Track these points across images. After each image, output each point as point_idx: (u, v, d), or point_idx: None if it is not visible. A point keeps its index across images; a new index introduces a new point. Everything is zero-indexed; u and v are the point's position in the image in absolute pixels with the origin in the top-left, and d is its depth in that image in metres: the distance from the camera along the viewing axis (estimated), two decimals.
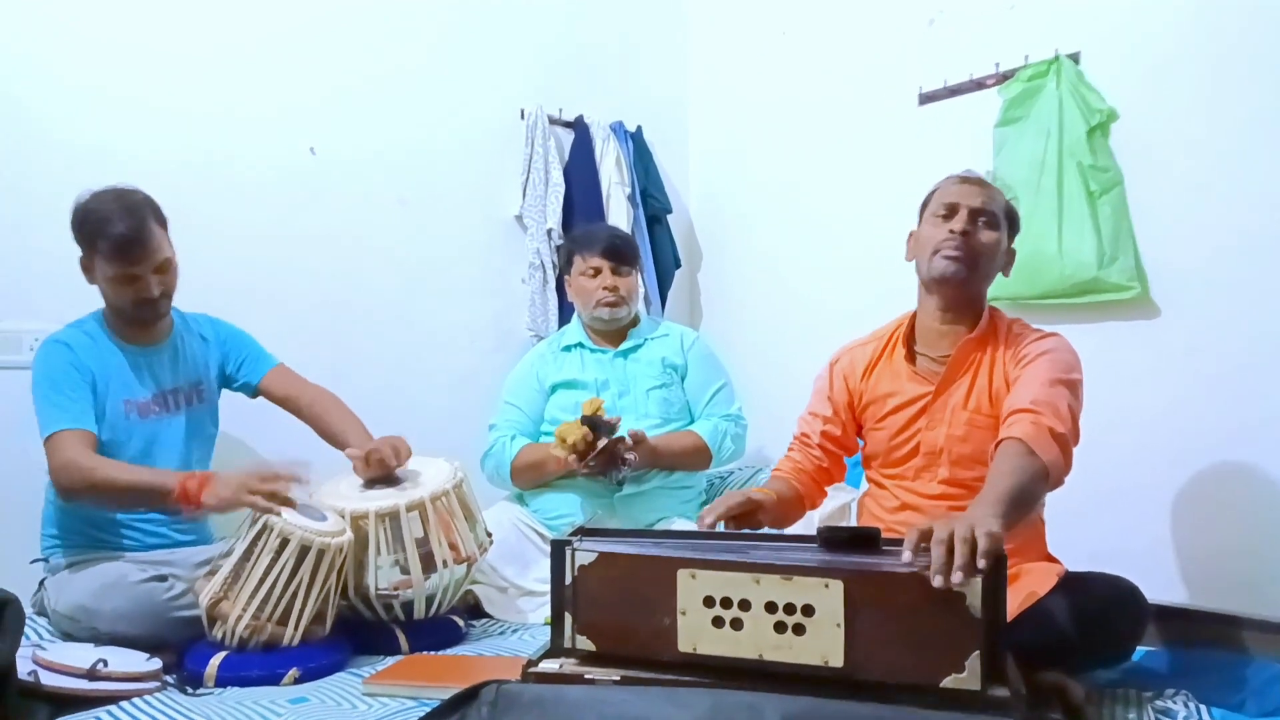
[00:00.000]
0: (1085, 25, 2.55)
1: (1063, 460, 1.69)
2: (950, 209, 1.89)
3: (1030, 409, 1.70)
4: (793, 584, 1.36)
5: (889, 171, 2.93)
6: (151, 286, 2.09)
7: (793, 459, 2.07)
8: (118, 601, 1.94)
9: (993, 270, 1.93)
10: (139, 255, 2.05)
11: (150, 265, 2.08)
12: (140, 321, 2.17)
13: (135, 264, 2.06)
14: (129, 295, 2.09)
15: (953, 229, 1.87)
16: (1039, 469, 1.64)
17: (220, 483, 1.97)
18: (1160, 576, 2.34)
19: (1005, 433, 1.70)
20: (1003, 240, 1.92)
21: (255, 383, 2.37)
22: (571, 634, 1.47)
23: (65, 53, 2.44)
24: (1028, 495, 1.62)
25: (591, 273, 2.72)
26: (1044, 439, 1.66)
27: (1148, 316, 2.44)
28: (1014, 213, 1.97)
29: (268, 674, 1.87)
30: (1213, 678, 1.83)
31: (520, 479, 2.66)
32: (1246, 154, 2.28)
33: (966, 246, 1.86)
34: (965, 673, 1.29)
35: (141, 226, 2.04)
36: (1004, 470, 1.62)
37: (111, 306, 2.17)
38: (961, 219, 1.87)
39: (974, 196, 1.89)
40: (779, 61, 3.36)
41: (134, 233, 2.03)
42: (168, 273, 2.12)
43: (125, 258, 2.04)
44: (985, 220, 1.88)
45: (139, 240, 2.04)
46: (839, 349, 2.10)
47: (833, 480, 2.10)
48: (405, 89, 3.01)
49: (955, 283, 1.88)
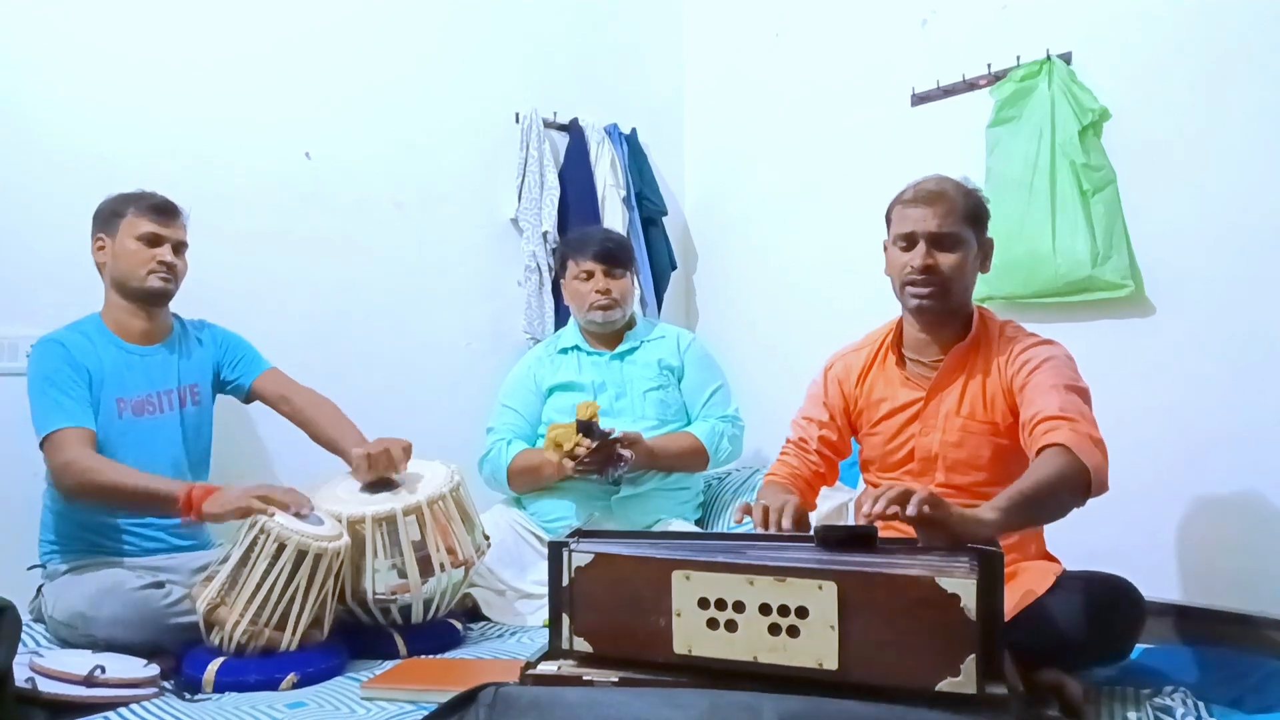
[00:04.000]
0: (1077, 25, 2.55)
1: (1105, 466, 1.66)
2: (909, 239, 1.85)
3: (1064, 417, 1.67)
4: (786, 585, 1.35)
5: (883, 173, 2.90)
6: (168, 254, 2.19)
7: (788, 464, 2.05)
8: (115, 608, 1.94)
9: (968, 279, 1.89)
10: (170, 219, 2.22)
11: (174, 236, 2.22)
12: (148, 295, 2.20)
13: (165, 225, 2.20)
14: (147, 258, 2.17)
15: (913, 265, 1.83)
16: (1079, 473, 1.61)
17: (221, 496, 2.00)
18: (1157, 574, 2.34)
19: (1046, 439, 1.66)
20: (971, 248, 1.86)
21: (248, 385, 2.38)
22: (569, 636, 1.47)
23: (64, 59, 2.44)
24: (1052, 496, 1.59)
25: (585, 276, 2.73)
26: (1086, 445, 1.63)
27: (1142, 315, 2.45)
28: (979, 208, 1.89)
29: (266, 679, 1.87)
30: (1211, 675, 1.84)
31: (517, 483, 2.66)
32: (1240, 151, 2.28)
33: (931, 279, 1.83)
34: (961, 676, 1.28)
35: (175, 205, 2.25)
36: (1037, 472, 1.61)
37: (121, 281, 2.19)
38: (920, 253, 1.83)
39: (928, 221, 1.83)
40: (773, 64, 3.37)
41: (169, 202, 2.24)
42: (181, 257, 2.24)
43: (159, 215, 2.20)
44: (947, 243, 1.83)
45: (173, 208, 2.24)
46: (833, 355, 2.10)
47: (826, 483, 2.10)
48: (400, 93, 3.01)
49: (931, 313, 1.88)
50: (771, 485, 1.99)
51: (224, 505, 1.98)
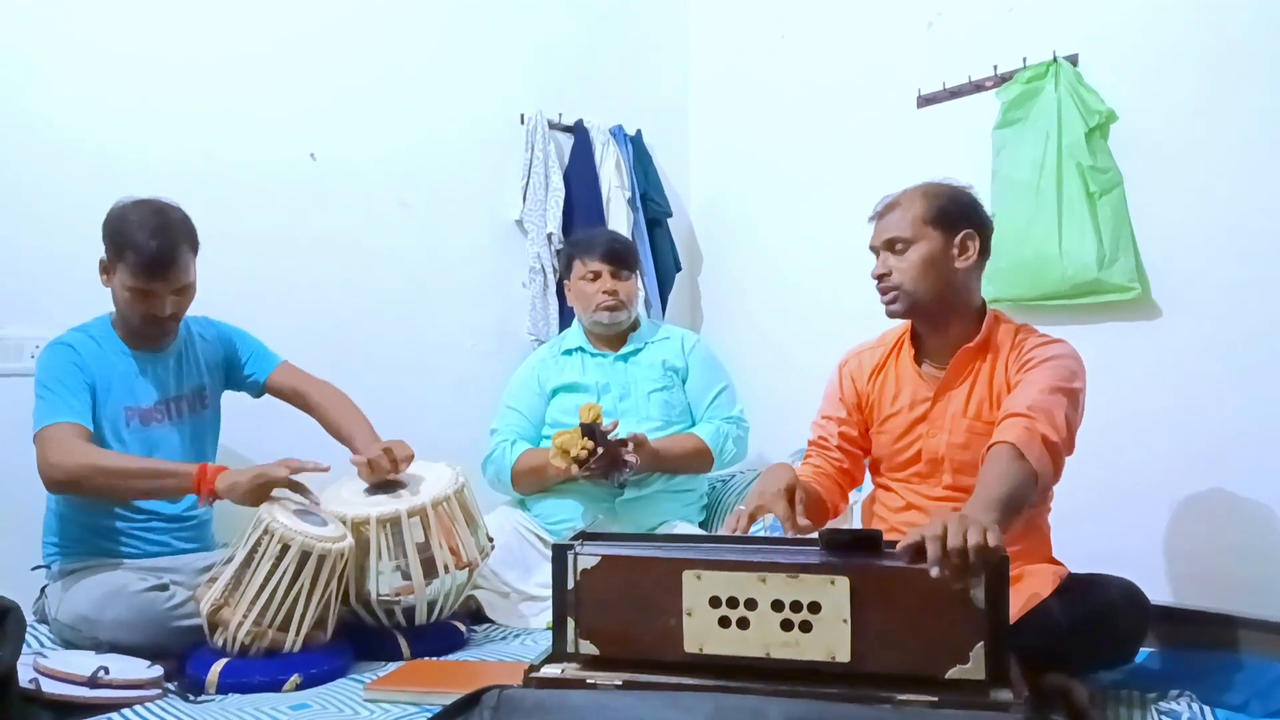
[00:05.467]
0: (1083, 27, 2.55)
1: (1052, 468, 1.68)
2: (874, 252, 1.92)
3: (1025, 414, 1.69)
4: (799, 582, 1.37)
5: (888, 174, 2.89)
6: (166, 306, 2.09)
7: (812, 464, 2.03)
8: (118, 611, 1.94)
9: (935, 277, 1.85)
10: (163, 275, 2.05)
11: (170, 287, 2.08)
12: (145, 336, 2.18)
13: (156, 282, 2.06)
14: (141, 310, 2.10)
15: (873, 274, 1.90)
16: (1028, 475, 1.63)
17: (235, 472, 2.00)
18: (1163, 578, 2.34)
19: (997, 436, 1.69)
20: (931, 245, 1.84)
21: (262, 380, 2.37)
22: (574, 638, 1.47)
23: (69, 58, 2.44)
24: (1019, 501, 1.60)
25: (591, 277, 2.73)
26: (1035, 445, 1.65)
27: (1149, 317, 2.44)
28: (948, 204, 1.87)
29: (269, 680, 1.87)
30: (1216, 679, 1.83)
31: (521, 484, 2.66)
32: (1247, 153, 2.28)
33: (887, 285, 1.88)
34: (970, 664, 1.32)
35: (174, 248, 2.04)
36: (996, 475, 1.62)
37: (120, 314, 2.17)
38: (877, 265, 1.90)
39: (879, 233, 1.90)
40: (778, 65, 3.37)
41: (163, 253, 2.03)
42: (185, 296, 2.13)
43: (149, 275, 2.04)
44: (898, 247, 1.87)
45: (167, 261, 2.04)
46: (847, 352, 2.10)
47: (855, 482, 2.06)
48: (405, 94, 3.01)
49: (901, 315, 1.91)
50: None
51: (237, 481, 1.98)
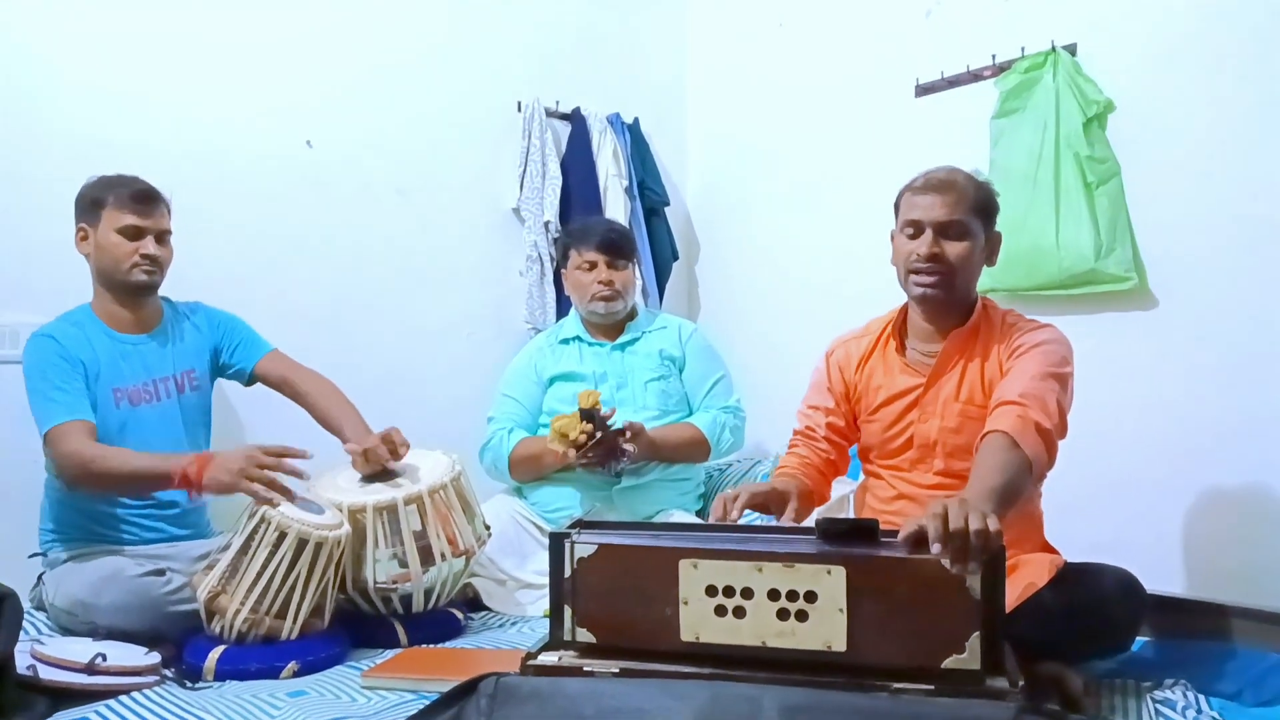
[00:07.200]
0: (1082, 16, 2.54)
1: (1046, 455, 1.69)
2: (916, 227, 1.84)
3: (1017, 402, 1.70)
4: (795, 571, 1.38)
5: (886, 163, 2.91)
6: (151, 246, 2.15)
7: (798, 454, 2.03)
8: (116, 595, 1.94)
9: (973, 271, 1.88)
10: (151, 208, 2.16)
11: (157, 225, 2.16)
12: (132, 289, 2.17)
13: (146, 216, 2.15)
14: (129, 251, 2.13)
15: (918, 252, 1.82)
16: (1023, 463, 1.64)
17: (220, 466, 1.97)
18: (1159, 567, 2.33)
19: (991, 425, 1.70)
20: (978, 239, 1.84)
21: (250, 368, 2.37)
22: (571, 626, 1.47)
23: (65, 45, 2.43)
24: (1015, 491, 1.61)
25: (587, 266, 2.72)
26: (1029, 433, 1.66)
27: (1145, 307, 2.44)
28: (989, 201, 1.88)
29: (266, 667, 1.87)
30: (1211, 668, 1.83)
31: (518, 472, 2.66)
32: (1245, 144, 2.28)
33: (936, 268, 1.82)
34: (966, 653, 1.33)
35: (155, 191, 2.19)
36: (991, 465, 1.62)
37: (105, 274, 2.17)
38: (927, 240, 1.81)
39: (936, 209, 1.81)
40: (777, 53, 3.36)
41: (150, 189, 2.18)
42: (166, 245, 2.20)
43: (139, 205, 2.14)
44: (954, 231, 1.82)
45: (154, 195, 2.18)
46: (834, 340, 2.09)
47: (838, 472, 2.08)
48: (402, 81, 3.00)
49: (934, 301, 1.87)
50: (779, 478, 1.96)
51: (221, 481, 1.96)
